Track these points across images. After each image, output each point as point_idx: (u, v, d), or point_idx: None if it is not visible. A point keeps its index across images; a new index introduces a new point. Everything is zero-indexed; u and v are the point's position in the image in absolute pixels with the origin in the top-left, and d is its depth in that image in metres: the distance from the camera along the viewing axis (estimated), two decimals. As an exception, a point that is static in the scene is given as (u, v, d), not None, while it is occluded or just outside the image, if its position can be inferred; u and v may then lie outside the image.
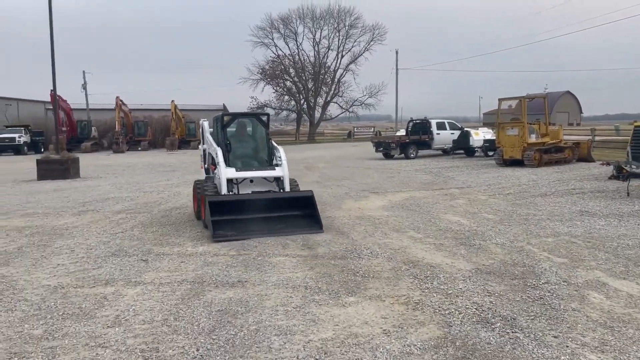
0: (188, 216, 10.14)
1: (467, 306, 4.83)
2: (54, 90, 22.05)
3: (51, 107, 43.44)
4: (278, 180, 9.03)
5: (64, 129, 38.66)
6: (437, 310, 4.75)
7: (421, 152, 26.74)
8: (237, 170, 8.71)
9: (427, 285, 5.50)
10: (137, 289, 5.53)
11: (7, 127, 43.00)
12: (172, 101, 43.98)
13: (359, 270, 6.08)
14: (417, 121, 27.59)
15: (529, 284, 5.43)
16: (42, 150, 39.42)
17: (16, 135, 39.80)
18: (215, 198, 8.25)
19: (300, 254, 6.97)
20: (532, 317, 4.53)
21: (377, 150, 27.00)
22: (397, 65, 59.65)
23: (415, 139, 26.18)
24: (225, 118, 9.25)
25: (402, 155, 25.74)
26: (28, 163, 24.95)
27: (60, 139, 25.83)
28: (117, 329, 4.45)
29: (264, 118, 9.54)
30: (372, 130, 62.06)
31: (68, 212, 10.99)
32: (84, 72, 52.89)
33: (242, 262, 6.60)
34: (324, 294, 5.28)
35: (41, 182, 18.15)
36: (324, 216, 9.77)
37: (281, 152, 9.09)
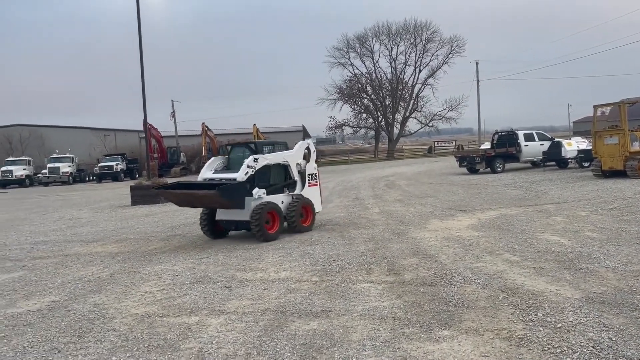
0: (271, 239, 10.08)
1: (582, 343, 4.23)
2: (144, 120, 23.38)
3: (144, 136, 46.39)
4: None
5: (155, 155, 40.99)
6: (545, 348, 4.19)
7: (508, 166, 25.44)
8: (213, 174, 10.77)
9: (530, 316, 4.93)
10: (221, 319, 5.43)
11: (106, 156, 46.33)
12: (254, 125, 45.29)
13: (451, 299, 5.61)
14: (503, 133, 26.36)
15: (654, 317, 4.70)
16: (137, 176, 41.95)
17: (114, 163, 42.72)
18: (161, 186, 11.35)
19: (386, 280, 6.60)
20: (665, 359, 3.86)
21: (460, 165, 26.00)
22: (477, 77, 57.78)
23: (502, 151, 24.95)
24: (228, 147, 11.96)
25: (488, 169, 24.62)
26: (124, 189, 26.49)
27: (151, 166, 27.30)
28: (200, 363, 4.32)
29: (252, 145, 11.18)
30: (453, 144, 60.32)
31: (157, 237, 11.35)
32: (172, 101, 55.91)
33: (326, 289, 6.34)
34: (415, 326, 4.88)
35: (135, 207, 19.12)
36: (409, 237, 9.35)
37: (245, 162, 9.97)
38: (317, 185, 11.46)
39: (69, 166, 42.58)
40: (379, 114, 60.55)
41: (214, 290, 6.60)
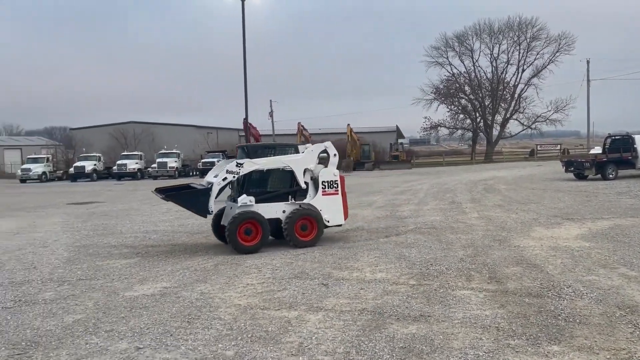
0: (365, 239, 10.10)
1: None
2: (245, 120, 24.38)
3: (244, 134, 48.34)
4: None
5: (253, 153, 42.60)
6: (673, 375, 3.81)
7: (621, 173, 23.43)
8: (213, 177, 9.99)
9: (653, 338, 4.51)
10: (319, 315, 5.52)
11: (208, 152, 48.88)
12: (348, 125, 45.65)
13: (560, 313, 5.28)
14: (617, 137, 24.38)
15: None
16: (235, 172, 43.79)
17: (215, 160, 44.91)
18: (158, 188, 10.31)
19: (488, 288, 6.36)
20: None
21: (567, 170, 24.39)
22: (588, 76, 53.78)
23: (615, 157, 23.05)
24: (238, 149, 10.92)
25: (598, 175, 22.84)
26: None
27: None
28: (300, 358, 4.43)
29: (245, 149, 10.27)
30: (558, 148, 56.72)
31: (256, 232, 11.75)
32: (270, 101, 57.77)
33: (423, 293, 6.24)
34: (520, 338, 4.65)
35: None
36: (511, 245, 8.92)
37: (225, 167, 9.56)
38: (337, 194, 9.84)
39: (175, 161, 45.41)
40: (477, 114, 58.36)
41: (312, 286, 6.73)
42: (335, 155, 10.06)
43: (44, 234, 12.41)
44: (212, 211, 9.39)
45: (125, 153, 47.33)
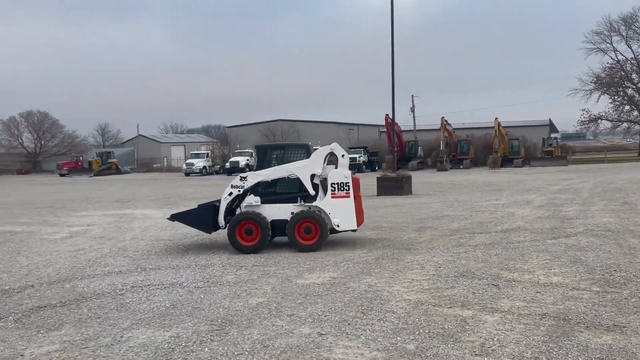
0: (530, 240, 9.52)
1: None
2: (392, 118, 24.45)
3: (384, 130, 48.51)
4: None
5: (395, 149, 42.56)
6: None
7: None
8: None
9: None
10: (496, 317, 5.32)
11: (350, 148, 49.94)
12: (496, 119, 43.44)
13: None
14: None
15: None
16: (377, 168, 44.16)
17: (357, 155, 45.72)
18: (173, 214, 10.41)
19: (692, 301, 5.59)
20: None
21: None
22: None
23: None
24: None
25: None
26: (366, 180, 28.10)
27: (390, 159, 28.29)
28: (485, 358, 4.30)
29: (252, 152, 11.15)
30: None
31: (409, 228, 11.72)
32: (412, 96, 57.21)
33: (612, 301, 5.70)
34: None
35: (380, 197, 20.14)
36: None
37: (231, 183, 9.71)
38: (348, 197, 9.29)
39: (318, 157, 47.06)
40: (647, 105, 51.84)
41: (481, 286, 6.51)
42: (343, 156, 9.56)
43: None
44: (222, 226, 9.66)
45: (273, 149, 50.15)
